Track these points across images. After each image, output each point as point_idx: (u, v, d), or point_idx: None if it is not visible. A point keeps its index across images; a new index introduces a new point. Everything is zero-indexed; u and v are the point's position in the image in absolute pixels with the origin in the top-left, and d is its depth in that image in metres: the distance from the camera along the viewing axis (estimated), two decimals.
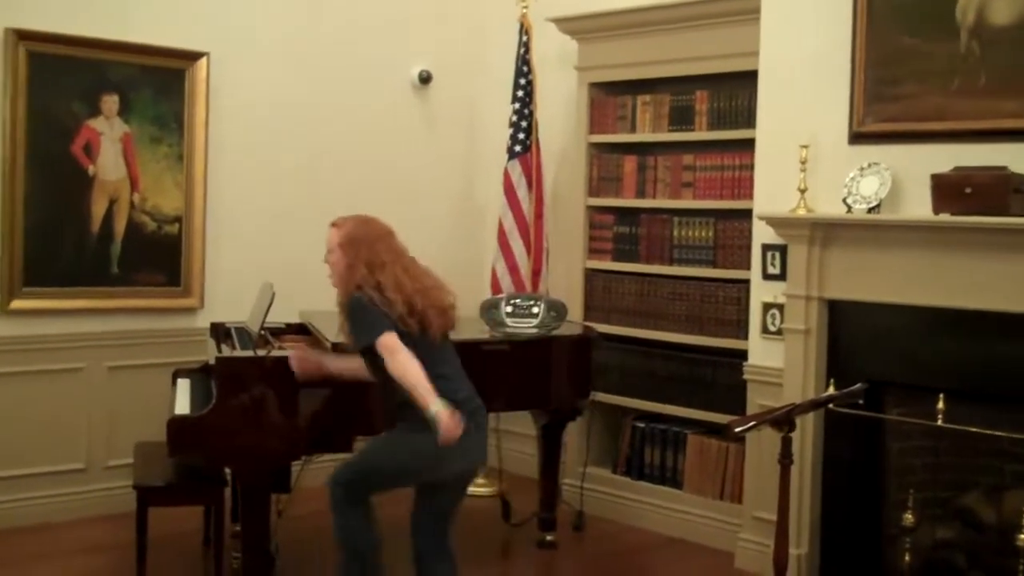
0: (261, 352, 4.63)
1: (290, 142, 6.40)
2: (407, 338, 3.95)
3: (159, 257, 5.91)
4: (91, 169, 5.68)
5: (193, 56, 5.94)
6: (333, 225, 4.15)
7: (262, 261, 5.94)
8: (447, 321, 4.19)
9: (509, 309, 5.43)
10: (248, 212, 6.21)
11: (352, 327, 4.05)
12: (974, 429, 4.52)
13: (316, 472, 5.36)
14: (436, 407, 3.81)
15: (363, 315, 3.99)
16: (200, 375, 5.23)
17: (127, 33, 5.73)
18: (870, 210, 4.86)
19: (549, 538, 5.65)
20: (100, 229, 5.73)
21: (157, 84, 5.85)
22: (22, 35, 5.42)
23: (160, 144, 5.88)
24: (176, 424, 4.40)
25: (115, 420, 5.82)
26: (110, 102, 5.71)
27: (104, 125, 5.70)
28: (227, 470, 4.77)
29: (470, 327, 5.54)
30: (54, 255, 5.62)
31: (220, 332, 5.31)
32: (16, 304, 5.51)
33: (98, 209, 5.72)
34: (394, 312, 3.96)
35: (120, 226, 5.79)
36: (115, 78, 5.72)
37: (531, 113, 6.49)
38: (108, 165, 5.73)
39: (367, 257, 4.06)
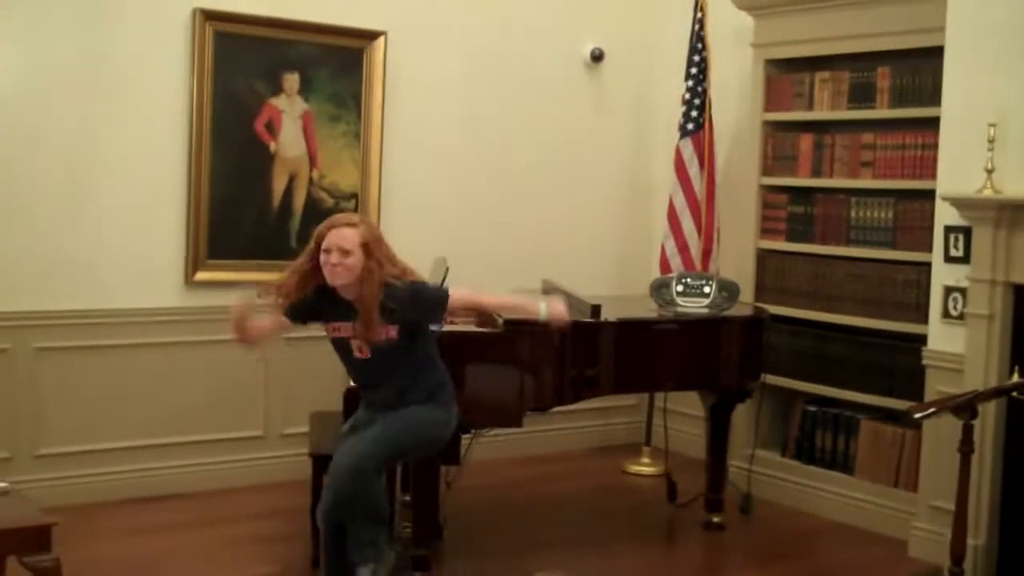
0: (435, 327, 4.70)
1: (463, 121, 6.48)
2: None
3: None
4: (272, 146, 5.86)
5: (371, 36, 6.06)
6: (349, 225, 4.10)
7: (435, 238, 6.03)
8: None
9: (680, 288, 5.40)
10: (421, 190, 6.31)
11: (424, 304, 4.17)
12: None
13: (485, 445, 5.45)
14: (543, 304, 4.38)
15: (427, 291, 4.20)
16: None
17: (308, 13, 5.88)
18: None
19: (716, 520, 5.60)
20: (280, 205, 5.91)
21: (336, 63, 5.99)
22: (209, 15, 5.62)
23: (338, 122, 6.02)
24: (352, 395, 4.52)
25: (292, 390, 6.01)
26: (291, 81, 5.87)
27: (285, 103, 5.87)
28: None
29: (639, 306, 5.55)
30: (236, 229, 5.82)
31: None
32: (200, 276, 5.74)
33: (279, 185, 5.90)
34: None
35: (299, 202, 5.96)
36: (296, 57, 5.88)
37: (704, 91, 6.41)
38: (289, 142, 5.90)
39: (388, 253, 4.14)
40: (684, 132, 6.43)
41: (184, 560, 4.86)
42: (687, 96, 6.43)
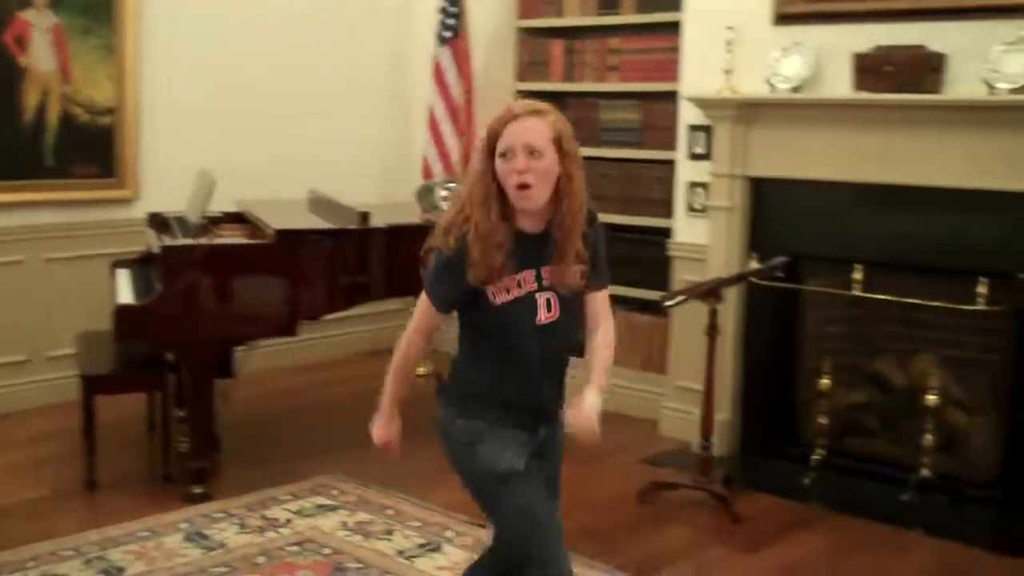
0: (203, 240, 4.72)
1: (221, 32, 6.36)
2: None
3: (93, 149, 5.89)
4: (23, 61, 5.62)
5: None
6: (535, 113, 2.74)
7: (197, 151, 5.97)
8: None
9: (444, 193, 5.55)
10: (181, 103, 6.20)
11: (603, 250, 2.94)
12: (886, 297, 4.80)
13: (258, 357, 5.52)
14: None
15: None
16: (138, 264, 5.31)
17: None
18: (793, 90, 5.02)
19: None
20: (33, 121, 5.69)
21: None
22: None
23: (91, 35, 5.82)
24: (123, 312, 4.50)
25: (55, 311, 5.86)
26: None
27: (35, 16, 5.62)
28: (170, 356, 4.91)
29: (406, 212, 5.68)
30: None
31: (158, 222, 5.37)
32: None
33: (30, 101, 5.67)
34: None
35: (53, 118, 5.75)
36: None
37: None
38: (40, 57, 5.67)
39: (580, 158, 2.80)
40: (442, 40, 6.53)
41: None
42: (444, 4, 6.52)
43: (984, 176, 4.52)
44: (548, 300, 2.76)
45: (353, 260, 4.94)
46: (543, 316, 2.76)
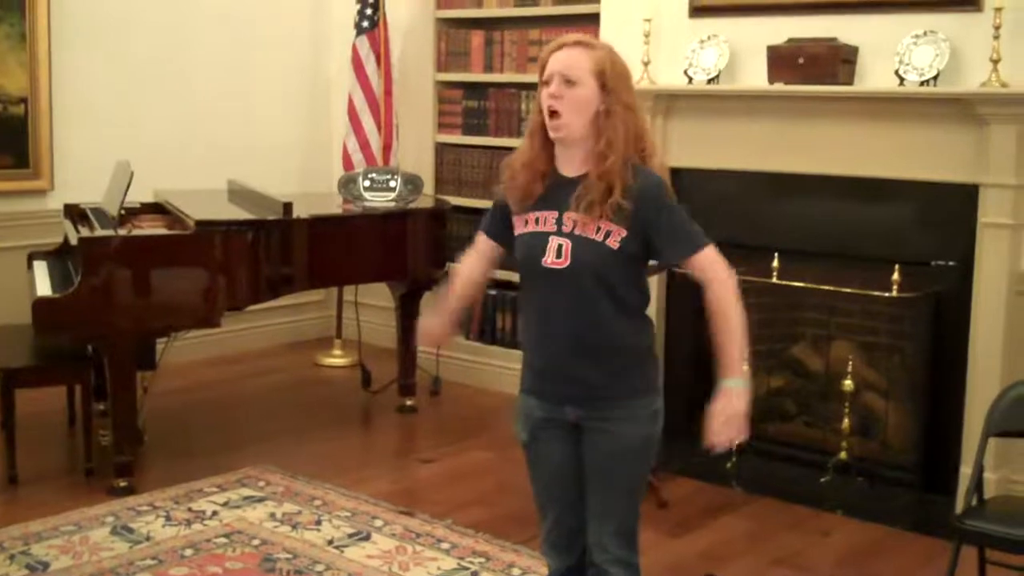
0: (122, 231, 4.67)
1: (136, 20, 6.26)
2: None
3: (5, 139, 5.76)
4: None
5: None
6: (580, 44, 2.70)
7: (112, 141, 5.90)
8: None
9: (367, 183, 5.55)
10: (96, 91, 6.10)
11: (674, 218, 2.71)
12: (803, 284, 4.91)
13: (181, 349, 5.47)
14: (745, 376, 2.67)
15: (674, 203, 2.74)
16: (55, 256, 5.23)
17: None
18: (710, 81, 5.11)
19: (409, 403, 5.87)
20: None
21: None
22: None
23: (2, 23, 5.69)
24: (42, 305, 4.43)
25: None
26: None
27: None
28: (90, 349, 4.84)
29: (328, 202, 5.69)
30: None
31: (75, 213, 5.29)
32: None
33: None
34: None
35: None
36: None
37: None
38: None
39: (636, 103, 2.74)
40: (360, 30, 6.50)
41: None
42: None
43: (896, 165, 4.65)
44: (560, 245, 2.66)
45: (276, 251, 4.93)
46: (550, 259, 2.66)
